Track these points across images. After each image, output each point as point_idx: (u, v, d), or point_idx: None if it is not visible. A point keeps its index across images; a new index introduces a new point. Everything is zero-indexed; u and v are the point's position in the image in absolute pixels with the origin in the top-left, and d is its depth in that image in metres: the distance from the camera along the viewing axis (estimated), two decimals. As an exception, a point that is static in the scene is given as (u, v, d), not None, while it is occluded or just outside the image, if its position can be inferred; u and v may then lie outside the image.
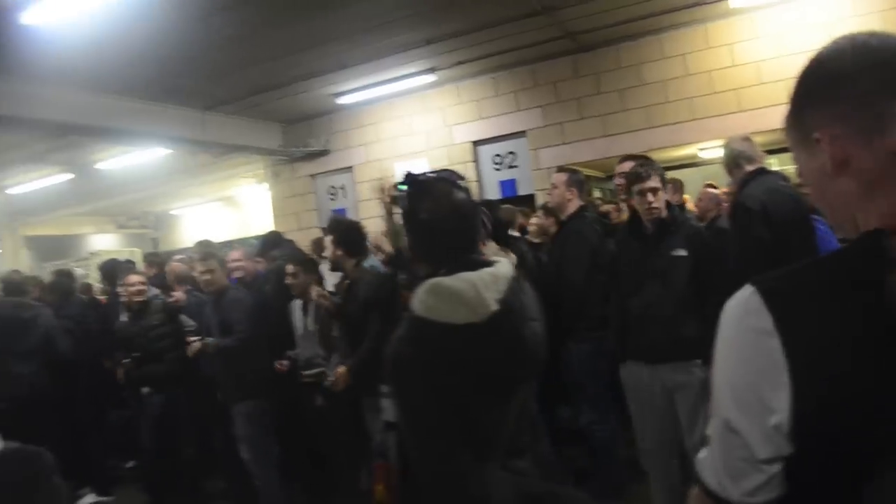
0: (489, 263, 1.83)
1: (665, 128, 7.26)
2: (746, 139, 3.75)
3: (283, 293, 4.87)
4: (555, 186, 4.45)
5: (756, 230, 3.37)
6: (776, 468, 0.90)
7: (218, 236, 10.66)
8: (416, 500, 1.81)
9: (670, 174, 6.02)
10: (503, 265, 1.84)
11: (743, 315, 0.93)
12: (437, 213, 1.82)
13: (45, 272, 13.54)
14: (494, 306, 1.71)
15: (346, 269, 4.31)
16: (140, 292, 5.32)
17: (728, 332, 0.96)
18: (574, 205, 4.39)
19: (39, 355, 5.38)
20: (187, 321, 5.22)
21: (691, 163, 9.01)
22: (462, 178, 1.89)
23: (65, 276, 6.55)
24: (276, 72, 7.38)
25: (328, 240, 4.53)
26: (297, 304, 4.78)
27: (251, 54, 6.73)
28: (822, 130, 0.95)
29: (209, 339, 4.67)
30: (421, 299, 1.73)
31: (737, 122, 6.54)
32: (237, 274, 5.38)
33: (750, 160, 3.65)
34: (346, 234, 4.37)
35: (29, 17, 5.13)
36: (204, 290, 4.90)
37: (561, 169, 4.65)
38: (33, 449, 1.39)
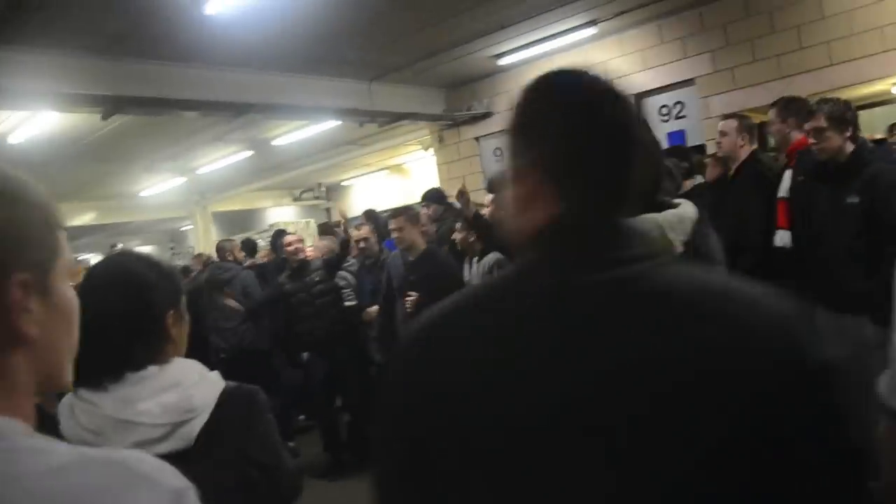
0: (673, 205, 1.82)
1: (850, 63, 6.70)
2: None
3: (456, 253, 5.01)
4: (724, 133, 4.27)
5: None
6: None
7: (386, 204, 11.00)
8: None
9: (863, 114, 5.60)
10: (687, 207, 1.82)
11: None
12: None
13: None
14: (680, 247, 1.70)
15: None
16: (297, 251, 5.67)
17: None
18: (746, 151, 4.21)
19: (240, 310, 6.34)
20: (347, 278, 5.51)
21: (883, 100, 8.31)
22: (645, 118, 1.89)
23: (250, 243, 8.03)
24: (438, 37, 7.46)
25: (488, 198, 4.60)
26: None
27: (412, 22, 6.84)
28: None
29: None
30: None
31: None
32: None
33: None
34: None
35: (211, 8, 5.48)
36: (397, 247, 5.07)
37: (728, 116, 4.44)
38: (250, 387, 1.56)
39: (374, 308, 5.35)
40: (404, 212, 5.02)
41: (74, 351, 0.84)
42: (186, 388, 1.42)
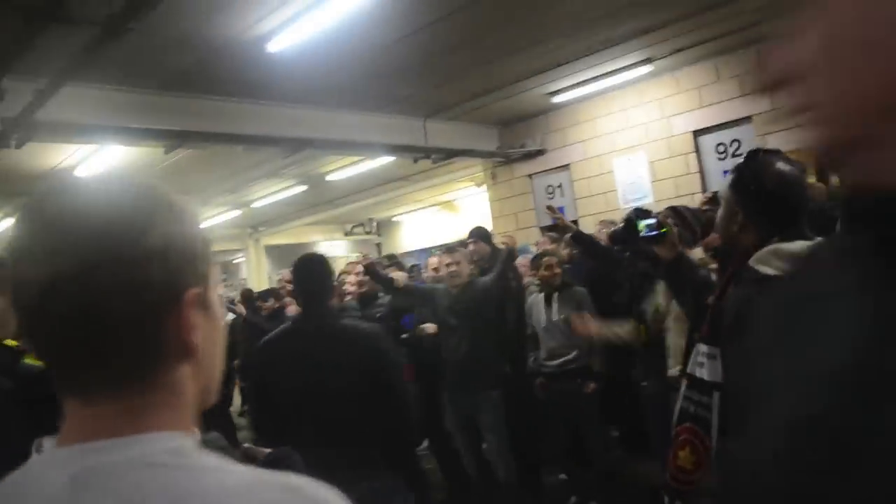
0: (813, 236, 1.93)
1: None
2: None
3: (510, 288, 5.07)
4: None
5: None
6: None
7: (436, 240, 11.03)
8: (735, 464, 1.82)
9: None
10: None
11: None
12: (781, 182, 1.98)
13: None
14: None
15: None
16: (359, 283, 5.75)
17: None
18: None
19: None
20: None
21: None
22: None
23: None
24: (492, 75, 7.54)
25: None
26: (539, 298, 5.02)
27: (467, 61, 6.93)
28: None
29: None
30: (764, 261, 1.84)
31: None
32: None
33: None
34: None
35: (273, 46, 5.64)
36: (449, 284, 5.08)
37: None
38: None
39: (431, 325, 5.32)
40: (459, 248, 5.11)
41: (222, 363, 0.86)
42: None
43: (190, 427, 0.76)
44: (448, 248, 5.04)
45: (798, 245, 1.81)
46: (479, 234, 5.92)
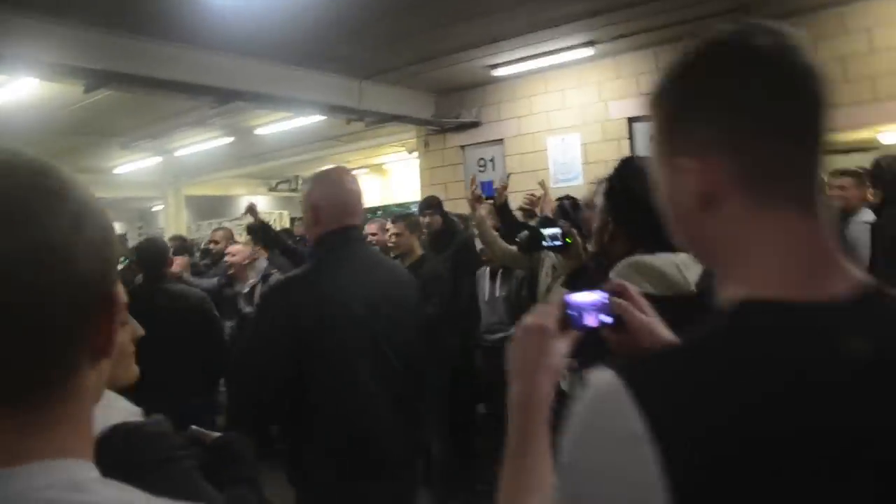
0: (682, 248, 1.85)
1: (842, 109, 6.71)
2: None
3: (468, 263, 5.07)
4: None
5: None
6: None
7: (364, 203, 10.89)
8: None
9: (842, 159, 5.67)
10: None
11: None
12: (650, 191, 1.81)
13: (203, 230, 14.38)
14: (693, 286, 1.73)
15: None
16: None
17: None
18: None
19: None
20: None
21: (868, 146, 8.39)
22: None
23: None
24: (433, 43, 7.40)
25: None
26: (485, 272, 5.08)
27: (408, 25, 6.76)
28: (692, 157, 0.82)
29: None
30: (622, 274, 1.78)
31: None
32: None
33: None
34: None
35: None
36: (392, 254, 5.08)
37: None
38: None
39: None
40: (405, 218, 5.16)
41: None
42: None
43: (89, 445, 0.66)
44: (396, 217, 5.12)
45: (660, 259, 1.78)
46: (434, 206, 5.85)
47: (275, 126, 10.44)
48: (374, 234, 5.62)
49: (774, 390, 0.70)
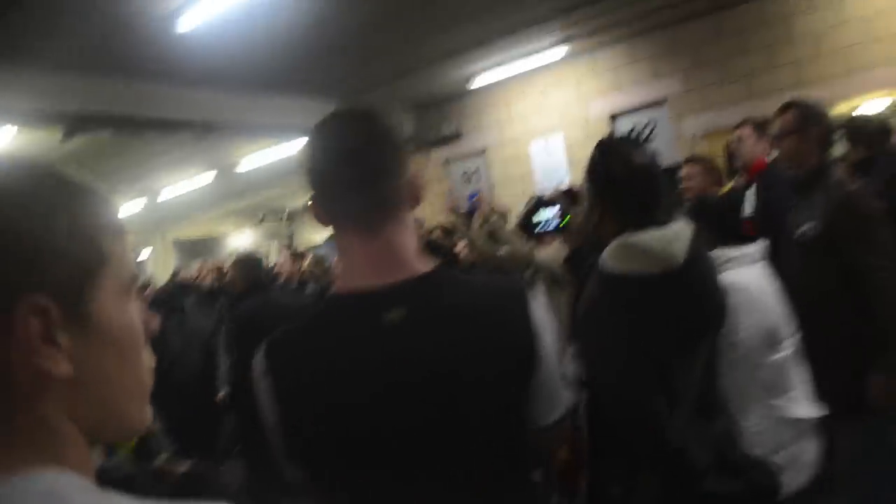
0: (669, 223, 1.92)
1: (817, 85, 6.71)
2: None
3: None
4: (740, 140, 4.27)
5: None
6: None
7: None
8: (604, 462, 1.88)
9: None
10: (682, 224, 1.91)
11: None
12: (628, 171, 1.94)
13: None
14: (682, 258, 1.78)
15: None
16: None
17: None
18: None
19: None
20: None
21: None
22: (648, 140, 2.07)
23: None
24: (407, 58, 7.41)
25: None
26: None
27: (381, 41, 6.76)
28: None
29: None
30: (611, 255, 1.84)
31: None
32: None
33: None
34: None
35: (183, 26, 5.33)
36: None
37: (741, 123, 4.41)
38: None
39: None
40: None
41: (144, 385, 0.69)
42: None
43: (75, 463, 0.61)
44: None
45: (648, 235, 1.82)
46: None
47: (258, 158, 10.42)
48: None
49: (337, 342, 1.21)
